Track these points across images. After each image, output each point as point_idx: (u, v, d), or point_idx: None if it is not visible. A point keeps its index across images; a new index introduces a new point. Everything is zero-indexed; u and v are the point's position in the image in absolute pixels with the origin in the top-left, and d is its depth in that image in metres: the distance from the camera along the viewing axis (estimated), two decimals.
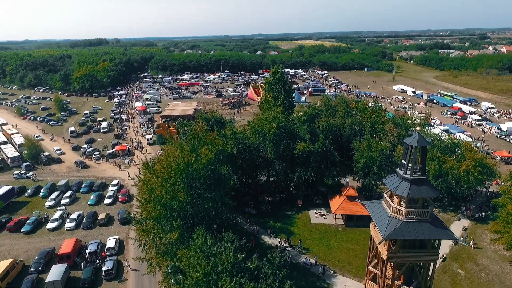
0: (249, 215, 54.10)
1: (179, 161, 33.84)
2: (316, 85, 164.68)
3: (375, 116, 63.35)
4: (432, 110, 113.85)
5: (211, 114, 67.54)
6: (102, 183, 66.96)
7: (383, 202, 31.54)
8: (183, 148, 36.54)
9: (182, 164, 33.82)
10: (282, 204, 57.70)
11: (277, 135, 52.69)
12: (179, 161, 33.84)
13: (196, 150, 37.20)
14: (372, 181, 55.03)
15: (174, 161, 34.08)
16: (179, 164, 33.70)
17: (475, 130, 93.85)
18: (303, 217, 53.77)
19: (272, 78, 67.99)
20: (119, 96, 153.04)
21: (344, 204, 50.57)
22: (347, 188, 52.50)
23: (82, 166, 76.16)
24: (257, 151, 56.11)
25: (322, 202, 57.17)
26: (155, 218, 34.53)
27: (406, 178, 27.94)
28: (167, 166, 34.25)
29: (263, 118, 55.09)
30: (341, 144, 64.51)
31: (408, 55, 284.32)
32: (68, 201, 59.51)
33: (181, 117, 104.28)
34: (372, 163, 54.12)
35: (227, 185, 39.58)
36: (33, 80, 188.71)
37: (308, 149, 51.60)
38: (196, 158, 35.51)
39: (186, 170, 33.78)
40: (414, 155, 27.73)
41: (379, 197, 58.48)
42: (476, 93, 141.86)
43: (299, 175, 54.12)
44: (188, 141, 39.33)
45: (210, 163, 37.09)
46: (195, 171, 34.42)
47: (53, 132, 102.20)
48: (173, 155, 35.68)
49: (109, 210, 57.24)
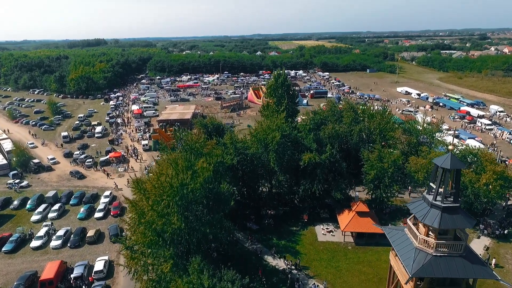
0: (250, 231, 50.04)
1: (172, 181, 29.70)
2: (318, 87, 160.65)
3: (384, 123, 59.57)
4: (438, 113, 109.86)
5: (209, 120, 63.63)
6: (94, 194, 62.68)
7: (407, 230, 27.44)
8: (178, 164, 32.36)
9: (176, 184, 29.70)
10: (286, 218, 53.62)
11: (281, 145, 48.63)
12: (173, 181, 29.70)
13: (193, 166, 33.07)
14: (383, 194, 51.01)
15: (166, 181, 29.93)
16: (172, 185, 29.54)
17: (486, 136, 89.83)
18: (309, 233, 49.67)
19: (274, 82, 63.91)
20: (115, 99, 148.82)
21: (354, 220, 46.47)
22: (357, 203, 48.38)
23: (78, 177, 70.92)
24: (259, 161, 52.07)
25: (329, 216, 53.07)
26: (146, 245, 30.41)
27: (436, 205, 23.93)
28: (159, 186, 30.11)
29: (265, 126, 50.98)
30: (347, 152, 60.70)
31: (410, 56, 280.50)
32: (56, 215, 55.31)
33: (179, 121, 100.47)
34: (383, 175, 50.16)
35: (227, 205, 35.41)
36: (28, 81, 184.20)
37: (315, 160, 47.52)
38: (192, 176, 31.38)
39: (181, 192, 29.68)
40: (446, 179, 23.68)
41: (391, 211, 54.77)
42: (483, 95, 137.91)
43: (304, 188, 50.04)
44: (184, 157, 35.11)
45: (208, 181, 32.98)
46: (191, 192, 30.32)
47: (45, 137, 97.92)
48: (166, 173, 31.51)
49: (100, 225, 53.09)
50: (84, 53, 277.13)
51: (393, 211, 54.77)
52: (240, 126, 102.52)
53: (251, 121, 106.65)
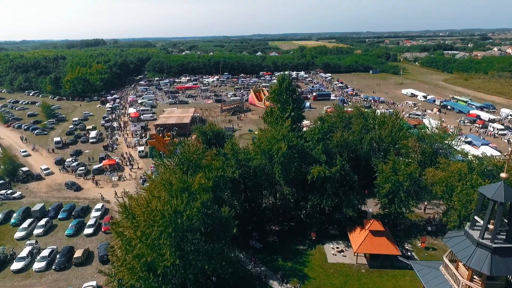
0: (253, 251, 45.73)
1: (164, 208, 25.35)
2: (320, 89, 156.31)
3: (396, 130, 55.30)
4: (447, 117, 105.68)
5: (209, 127, 59.28)
6: (85, 206, 58.32)
7: (442, 268, 23.09)
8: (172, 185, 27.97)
9: (169, 212, 25.36)
10: (292, 234, 49.33)
11: (287, 156, 44.30)
12: (165, 208, 25.35)
13: (189, 188, 28.70)
14: (398, 209, 46.65)
15: (157, 209, 25.54)
16: (164, 214, 25.17)
17: (499, 141, 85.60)
18: (317, 253, 45.36)
19: (278, 86, 59.50)
20: (112, 101, 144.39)
21: (368, 240, 42.17)
22: (370, 221, 44.04)
23: (75, 189, 65.45)
24: (263, 173, 47.78)
25: (339, 233, 48.82)
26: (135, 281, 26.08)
27: (485, 244, 19.62)
28: (149, 214, 25.74)
29: (270, 136, 46.60)
30: (357, 161, 56.43)
31: (413, 57, 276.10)
32: (42, 231, 50.93)
33: (177, 126, 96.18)
34: (398, 189, 45.83)
35: (229, 232, 30.91)
36: (23, 83, 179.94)
37: (324, 174, 43.19)
38: (187, 201, 27.02)
39: (174, 222, 25.35)
40: (497, 213, 19.37)
41: (405, 227, 50.46)
42: (491, 97, 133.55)
43: (312, 204, 45.72)
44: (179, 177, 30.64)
45: (207, 205, 28.65)
46: (186, 219, 25.98)
47: (37, 142, 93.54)
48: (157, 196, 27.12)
49: (90, 242, 48.75)
50: (82, 53, 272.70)
51: (408, 227, 50.50)
52: (241, 131, 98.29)
53: (253, 125, 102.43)
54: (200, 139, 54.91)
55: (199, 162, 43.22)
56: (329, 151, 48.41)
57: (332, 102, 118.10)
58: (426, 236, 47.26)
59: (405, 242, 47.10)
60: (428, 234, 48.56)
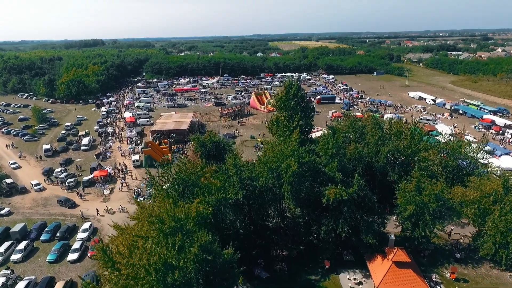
0: (258, 281, 40.21)
1: (150, 263, 19.74)
2: (324, 91, 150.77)
3: (415, 142, 49.84)
4: (458, 122, 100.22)
5: (208, 136, 53.82)
6: (71, 226, 52.70)
7: None
8: (163, 225, 22.40)
9: (158, 265, 19.81)
10: (302, 260, 43.79)
11: (297, 175, 38.77)
12: (151, 262, 19.74)
13: (184, 226, 23.19)
14: (422, 233, 41.01)
15: (142, 261, 19.96)
16: (150, 272, 19.56)
17: None
18: (332, 285, 39.81)
19: (285, 93, 53.96)
20: (108, 104, 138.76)
21: (392, 273, 36.67)
22: (394, 249, 38.51)
23: (69, 206, 59.02)
24: (269, 194, 42.30)
25: (354, 259, 43.28)
26: None
27: None
28: (131, 269, 20.16)
29: (277, 151, 41.02)
30: (372, 176, 51.00)
31: (417, 58, 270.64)
32: (20, 257, 45.30)
33: (175, 132, 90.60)
34: (423, 211, 40.34)
35: (233, 280, 25.26)
36: (17, 85, 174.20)
37: (341, 197, 37.65)
38: (181, 246, 21.49)
39: (163, 280, 19.80)
40: None
41: (430, 253, 44.87)
42: (503, 101, 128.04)
43: (327, 230, 40.18)
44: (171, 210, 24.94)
45: (206, 248, 23.12)
46: (179, 276, 20.43)
47: (25, 149, 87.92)
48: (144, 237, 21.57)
49: (74, 270, 43.22)
50: (79, 54, 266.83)
51: (433, 252, 44.91)
52: (242, 137, 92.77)
53: (255, 131, 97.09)
54: (199, 153, 49.38)
55: (196, 182, 37.81)
56: (344, 167, 42.85)
57: (337, 106, 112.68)
58: (455, 265, 41.67)
59: (432, 271, 41.49)
60: (456, 261, 43.00)
